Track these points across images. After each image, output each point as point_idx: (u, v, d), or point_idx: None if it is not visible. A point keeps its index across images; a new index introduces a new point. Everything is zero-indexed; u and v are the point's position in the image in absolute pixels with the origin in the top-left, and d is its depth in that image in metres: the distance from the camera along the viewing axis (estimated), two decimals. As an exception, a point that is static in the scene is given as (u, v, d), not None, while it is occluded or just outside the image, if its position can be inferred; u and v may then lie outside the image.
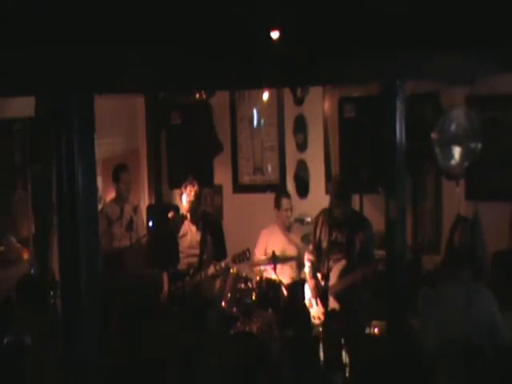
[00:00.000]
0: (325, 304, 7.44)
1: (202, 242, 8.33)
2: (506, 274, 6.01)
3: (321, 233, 7.77)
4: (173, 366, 6.15)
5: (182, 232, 8.42)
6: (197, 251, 8.33)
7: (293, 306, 7.84)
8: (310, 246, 7.96)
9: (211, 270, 8.09)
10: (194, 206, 8.35)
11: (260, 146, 9.80)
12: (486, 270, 6.77)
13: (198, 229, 8.37)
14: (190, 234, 8.39)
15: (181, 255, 8.40)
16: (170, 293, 8.23)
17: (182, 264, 8.36)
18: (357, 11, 5.39)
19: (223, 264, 8.08)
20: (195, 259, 8.31)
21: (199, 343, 6.70)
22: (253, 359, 5.63)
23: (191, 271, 8.23)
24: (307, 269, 7.90)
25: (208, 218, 8.57)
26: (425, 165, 8.20)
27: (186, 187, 8.32)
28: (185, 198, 8.33)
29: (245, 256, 8.02)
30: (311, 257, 7.87)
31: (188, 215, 8.38)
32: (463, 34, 5.64)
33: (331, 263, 7.46)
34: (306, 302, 7.80)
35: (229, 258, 8.11)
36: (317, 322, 7.50)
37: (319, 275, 7.67)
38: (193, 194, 8.29)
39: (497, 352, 5.55)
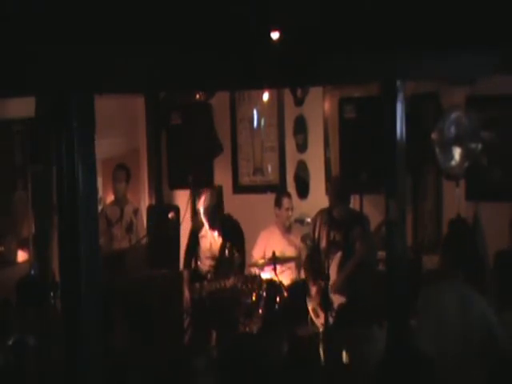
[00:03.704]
0: (326, 307, 7.42)
1: (221, 249, 8.25)
2: (508, 274, 5.99)
3: (319, 233, 7.78)
4: (173, 366, 6.15)
5: (202, 232, 8.36)
6: (216, 254, 8.26)
7: (293, 307, 7.85)
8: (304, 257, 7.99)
9: (230, 281, 7.97)
10: (211, 211, 8.25)
11: (260, 146, 9.80)
12: (486, 270, 6.77)
13: (218, 234, 8.28)
14: (209, 236, 8.31)
15: (202, 255, 8.33)
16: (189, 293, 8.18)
17: (203, 264, 8.30)
18: (357, 11, 5.40)
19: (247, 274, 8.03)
20: (214, 262, 8.25)
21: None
22: (253, 360, 5.61)
23: (209, 276, 8.17)
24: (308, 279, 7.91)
25: (229, 224, 8.41)
26: (425, 165, 8.20)
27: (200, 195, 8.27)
28: (201, 205, 8.26)
29: None
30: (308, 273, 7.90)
31: (205, 222, 8.28)
32: (463, 33, 5.63)
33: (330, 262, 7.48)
34: (310, 312, 7.79)
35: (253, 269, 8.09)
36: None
37: (320, 280, 7.68)
38: (208, 200, 8.21)
39: (495, 353, 5.55)
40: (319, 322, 7.66)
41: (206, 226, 8.28)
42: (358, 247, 7.50)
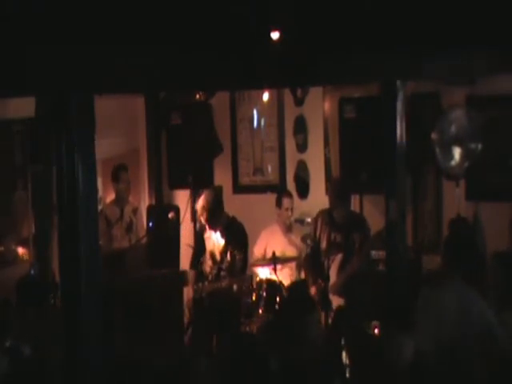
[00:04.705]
0: (325, 307, 7.42)
1: (223, 252, 8.24)
2: (508, 274, 5.99)
3: (320, 234, 7.78)
4: (174, 367, 6.14)
5: (206, 234, 8.35)
6: (217, 256, 8.25)
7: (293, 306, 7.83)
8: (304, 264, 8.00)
9: (230, 283, 7.97)
10: (210, 211, 8.23)
11: (260, 146, 9.80)
12: (486, 270, 6.77)
13: (221, 236, 8.26)
14: (213, 238, 8.29)
15: (207, 256, 8.32)
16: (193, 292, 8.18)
17: (207, 265, 8.30)
18: (357, 11, 5.40)
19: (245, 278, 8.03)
20: (215, 264, 8.24)
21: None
22: (252, 359, 5.61)
23: (210, 277, 8.17)
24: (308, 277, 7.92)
25: (233, 228, 8.31)
26: (425, 165, 8.19)
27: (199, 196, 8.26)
28: (198, 206, 8.24)
29: None
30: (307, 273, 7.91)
31: (204, 223, 8.25)
32: (463, 33, 5.64)
33: (330, 263, 7.49)
34: None
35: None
36: None
37: (320, 280, 7.68)
38: (204, 200, 8.19)
39: (495, 353, 5.55)
40: None
41: (206, 226, 8.27)
42: (357, 253, 7.51)
